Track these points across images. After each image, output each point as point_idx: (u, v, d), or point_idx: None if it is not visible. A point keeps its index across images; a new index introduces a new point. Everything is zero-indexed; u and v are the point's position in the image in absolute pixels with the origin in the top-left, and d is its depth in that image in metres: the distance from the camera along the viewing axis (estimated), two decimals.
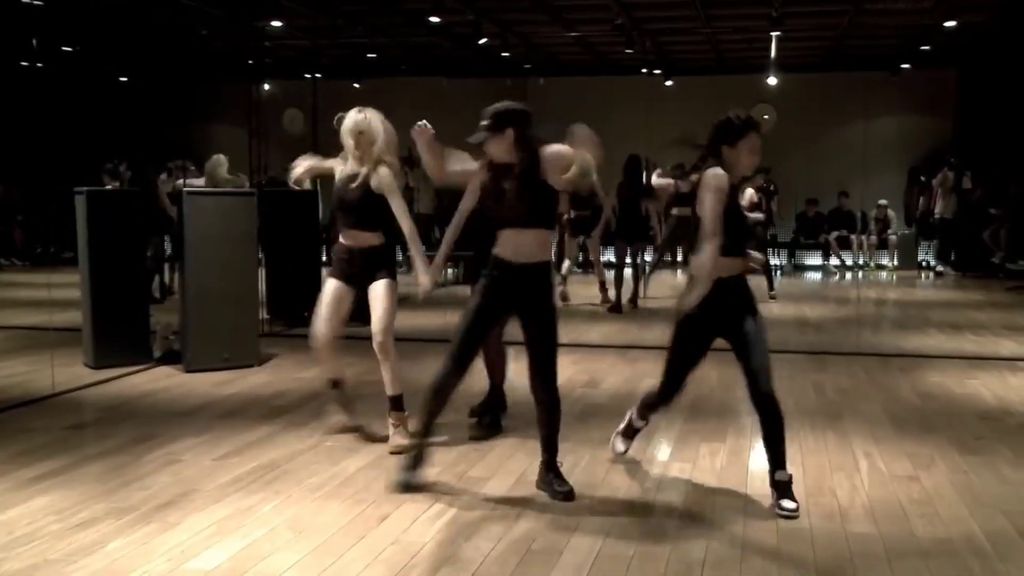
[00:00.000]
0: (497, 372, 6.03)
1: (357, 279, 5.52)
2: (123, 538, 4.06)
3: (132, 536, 4.08)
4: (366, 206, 5.47)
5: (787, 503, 4.40)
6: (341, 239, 5.61)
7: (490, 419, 5.92)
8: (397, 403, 5.52)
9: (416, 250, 5.36)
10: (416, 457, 4.76)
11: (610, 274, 11.69)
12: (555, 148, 4.62)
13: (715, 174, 4.43)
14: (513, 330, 5.75)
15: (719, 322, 4.60)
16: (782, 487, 4.47)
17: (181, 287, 7.81)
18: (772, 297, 12.32)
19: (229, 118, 20.95)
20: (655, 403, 5.03)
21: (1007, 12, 13.60)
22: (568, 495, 4.59)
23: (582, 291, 12.14)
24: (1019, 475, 5.01)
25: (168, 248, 12.08)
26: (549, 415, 4.70)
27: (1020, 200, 15.90)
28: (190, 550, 3.94)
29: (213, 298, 7.53)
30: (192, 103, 20.41)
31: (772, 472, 4.53)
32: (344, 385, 5.91)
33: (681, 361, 4.81)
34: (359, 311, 5.80)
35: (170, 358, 7.82)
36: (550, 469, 4.71)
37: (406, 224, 5.47)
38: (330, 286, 5.60)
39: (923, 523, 4.32)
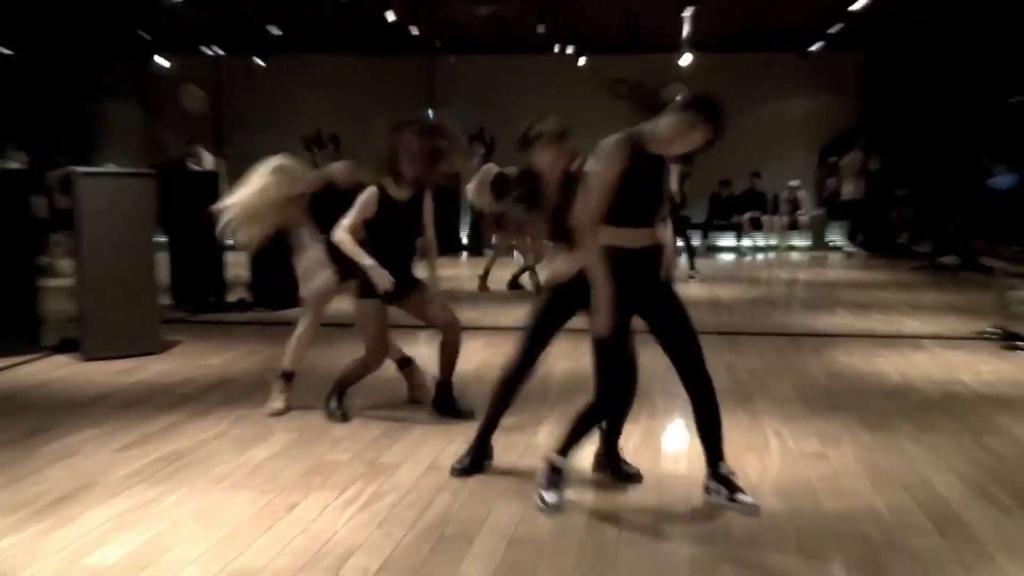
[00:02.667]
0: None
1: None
2: (14, 536, 3.96)
3: (24, 533, 3.99)
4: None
5: (743, 497, 4.29)
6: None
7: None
8: None
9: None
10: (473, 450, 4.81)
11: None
12: None
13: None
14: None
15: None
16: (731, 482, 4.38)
17: (77, 272, 7.60)
18: (691, 277, 12.63)
19: (122, 95, 20.41)
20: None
21: None
22: (638, 476, 4.70)
23: (498, 275, 12.16)
24: (919, 450, 5.20)
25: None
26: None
27: (925, 181, 16.41)
28: (87, 546, 3.86)
29: (111, 283, 7.37)
30: (84, 79, 19.79)
31: (716, 465, 4.41)
32: (414, 363, 6.26)
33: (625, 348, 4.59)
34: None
35: (66, 347, 7.63)
36: (616, 451, 4.75)
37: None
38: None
39: (830, 498, 4.46)
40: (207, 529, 4.04)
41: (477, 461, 4.78)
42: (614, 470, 4.70)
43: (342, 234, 5.49)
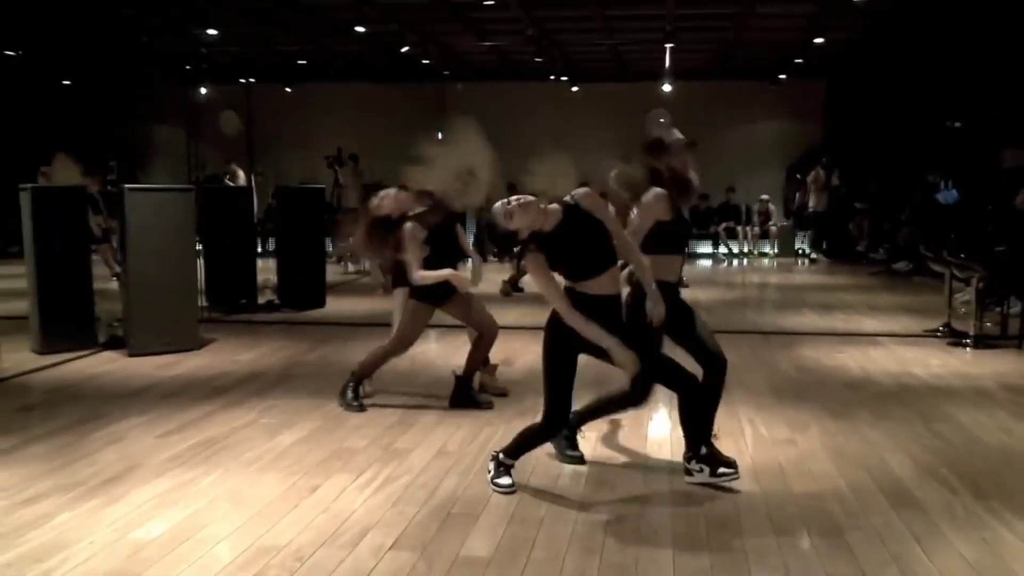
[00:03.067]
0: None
1: None
2: (69, 511, 3.94)
3: (78, 510, 3.96)
4: None
5: (725, 469, 4.31)
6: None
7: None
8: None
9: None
10: None
11: None
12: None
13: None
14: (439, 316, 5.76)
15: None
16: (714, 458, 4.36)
17: (124, 277, 7.59)
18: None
19: (168, 119, 20.45)
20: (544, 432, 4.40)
21: (868, 31, 14.00)
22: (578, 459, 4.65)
23: (495, 277, 12.13)
24: (877, 436, 5.17)
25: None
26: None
27: (880, 195, 16.40)
28: (134, 521, 3.84)
29: (154, 287, 7.35)
30: (133, 105, 19.85)
31: (698, 447, 4.36)
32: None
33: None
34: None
35: (114, 344, 7.60)
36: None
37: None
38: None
39: (798, 480, 4.43)
40: (238, 508, 4.01)
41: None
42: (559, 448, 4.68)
43: (419, 274, 5.42)
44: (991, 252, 9.12)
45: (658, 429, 5.41)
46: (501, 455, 4.34)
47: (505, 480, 4.28)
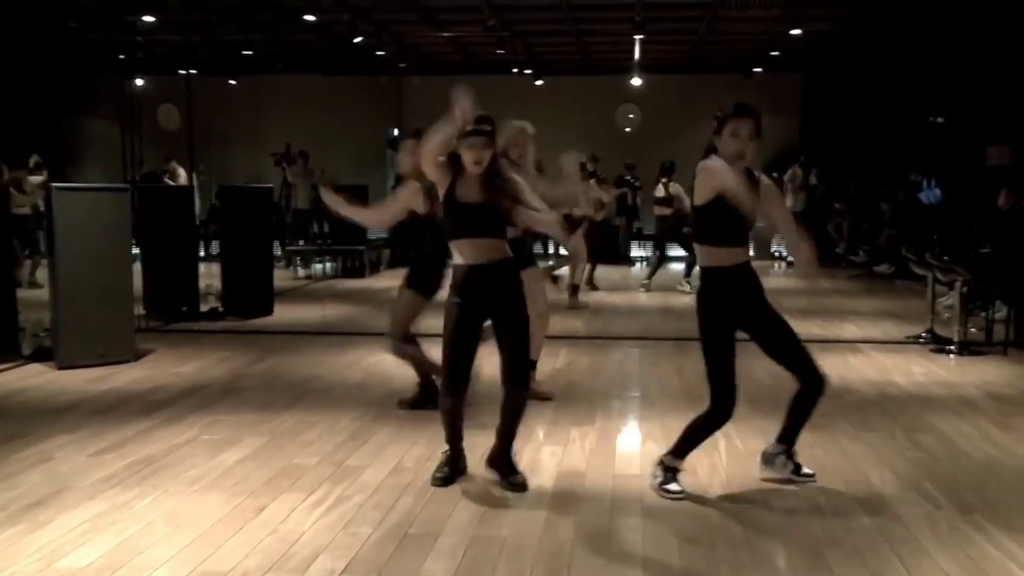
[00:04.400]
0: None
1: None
2: None
3: (0, 537, 3.89)
4: None
5: (807, 469, 4.63)
6: None
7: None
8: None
9: None
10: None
11: None
12: None
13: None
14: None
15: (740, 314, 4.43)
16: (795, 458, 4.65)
17: (51, 282, 7.46)
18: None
19: (101, 112, 20.16)
20: (711, 423, 4.50)
21: (846, 22, 14.18)
22: (522, 486, 4.51)
23: None
24: (858, 448, 5.23)
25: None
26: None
27: (860, 195, 16.61)
28: (61, 548, 3.77)
29: (86, 293, 7.24)
30: (62, 97, 19.52)
31: (791, 447, 4.64)
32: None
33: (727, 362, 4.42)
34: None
35: (41, 355, 7.48)
36: (506, 462, 4.61)
37: None
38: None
39: (775, 495, 4.47)
40: (179, 531, 3.96)
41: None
42: (502, 473, 4.60)
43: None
44: (976, 254, 9.28)
45: (627, 443, 5.43)
46: (666, 458, 4.44)
47: (674, 486, 4.39)
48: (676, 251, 13.68)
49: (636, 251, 18.05)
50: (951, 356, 7.91)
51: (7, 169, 12.04)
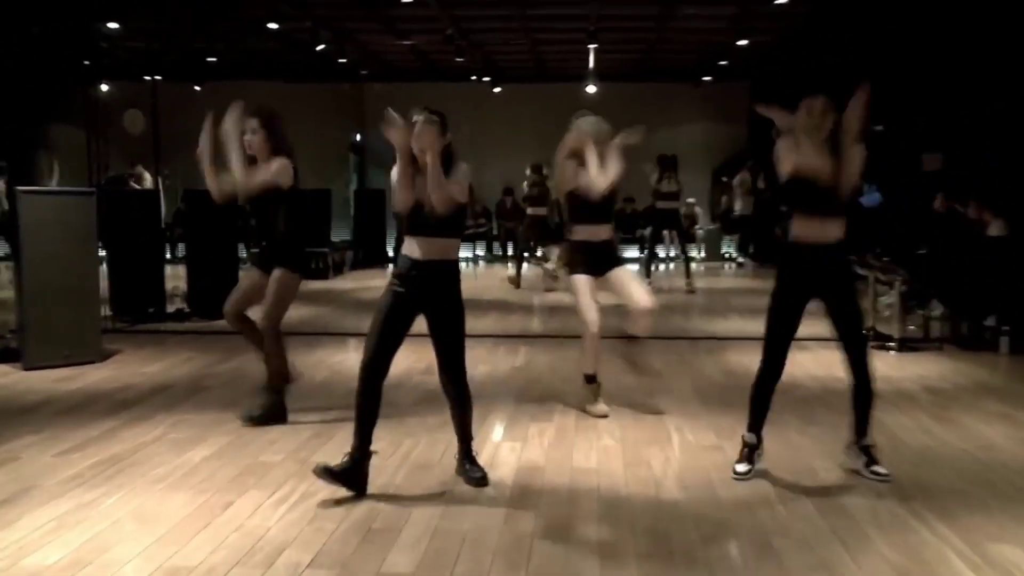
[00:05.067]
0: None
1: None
2: None
3: None
4: None
5: (879, 468, 4.59)
6: None
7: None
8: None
9: None
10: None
11: None
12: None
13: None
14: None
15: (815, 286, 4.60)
16: (870, 452, 4.66)
17: (17, 284, 7.33)
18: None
19: (66, 118, 19.83)
20: (767, 390, 4.74)
21: (790, 33, 14.35)
22: (482, 480, 4.49)
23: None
24: (803, 440, 5.29)
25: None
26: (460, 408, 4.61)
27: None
28: (27, 547, 3.70)
29: (52, 295, 7.12)
30: (27, 103, 19.16)
31: (860, 439, 4.68)
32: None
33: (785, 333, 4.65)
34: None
35: (7, 356, 7.33)
36: (465, 457, 4.61)
37: None
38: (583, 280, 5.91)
39: (724, 487, 4.50)
40: (145, 528, 3.91)
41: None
42: (462, 469, 4.59)
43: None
44: (913, 255, 9.43)
45: (584, 438, 5.45)
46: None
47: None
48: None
49: None
50: (891, 352, 8.03)
51: None
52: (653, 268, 13.67)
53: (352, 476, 4.32)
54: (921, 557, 3.66)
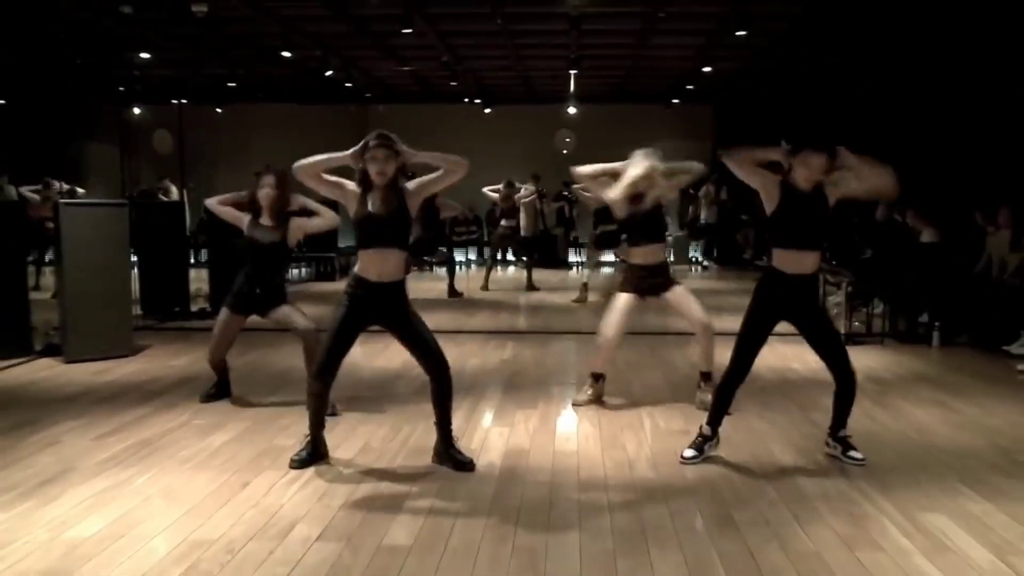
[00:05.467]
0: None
1: None
2: (4, 513, 3.78)
3: (14, 511, 3.81)
4: None
5: (854, 453, 4.58)
6: None
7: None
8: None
9: None
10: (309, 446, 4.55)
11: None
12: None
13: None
14: None
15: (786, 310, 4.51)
16: (847, 441, 4.65)
17: (60, 288, 7.31)
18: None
19: (103, 138, 19.79)
20: (732, 390, 4.65)
21: (751, 61, 14.39)
22: (469, 465, 4.43)
23: (421, 285, 12.08)
24: (763, 425, 5.32)
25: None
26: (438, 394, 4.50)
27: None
28: (69, 521, 3.70)
29: (90, 297, 7.11)
30: (68, 124, 19.13)
31: (836, 430, 4.66)
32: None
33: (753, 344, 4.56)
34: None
35: (50, 351, 7.32)
36: (447, 443, 4.52)
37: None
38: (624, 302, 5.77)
39: (692, 468, 4.51)
40: (172, 505, 3.91)
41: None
42: (449, 461, 4.48)
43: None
44: (858, 259, 9.48)
45: (565, 424, 5.46)
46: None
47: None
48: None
49: (572, 257, 18.13)
50: None
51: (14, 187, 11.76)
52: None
53: (319, 453, 4.53)
54: (863, 527, 3.69)
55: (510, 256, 16.29)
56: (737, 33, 11.70)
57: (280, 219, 5.63)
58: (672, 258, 17.94)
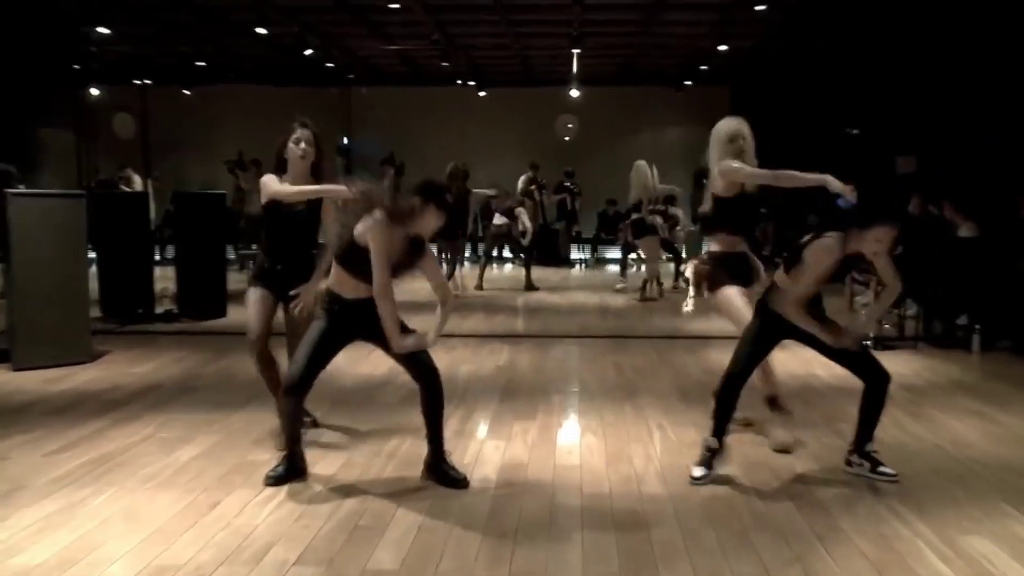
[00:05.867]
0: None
1: None
2: None
3: None
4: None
5: (885, 469, 4.55)
6: None
7: None
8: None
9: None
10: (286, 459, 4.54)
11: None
12: None
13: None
14: None
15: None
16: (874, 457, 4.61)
17: (8, 287, 7.28)
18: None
19: (56, 121, 19.71)
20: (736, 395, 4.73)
21: (769, 38, 14.41)
22: (463, 482, 4.43)
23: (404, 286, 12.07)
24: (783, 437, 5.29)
25: None
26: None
27: (784, 201, 16.85)
28: (16, 546, 3.66)
29: (41, 297, 7.08)
30: (16, 106, 19.03)
31: (863, 444, 4.63)
32: (782, 400, 5.32)
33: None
34: None
35: None
36: (439, 458, 4.51)
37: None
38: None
39: (706, 482, 4.50)
40: (134, 527, 3.88)
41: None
42: (441, 477, 4.47)
43: None
44: (889, 256, 9.47)
45: (567, 436, 5.45)
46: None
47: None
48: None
49: (575, 254, 18.13)
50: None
51: None
52: (631, 268, 13.68)
53: (296, 470, 4.50)
54: (894, 550, 3.68)
55: (507, 252, 16.27)
56: (756, 8, 11.71)
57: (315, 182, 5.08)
58: (684, 253, 18.01)
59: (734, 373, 4.70)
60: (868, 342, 8.14)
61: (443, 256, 11.93)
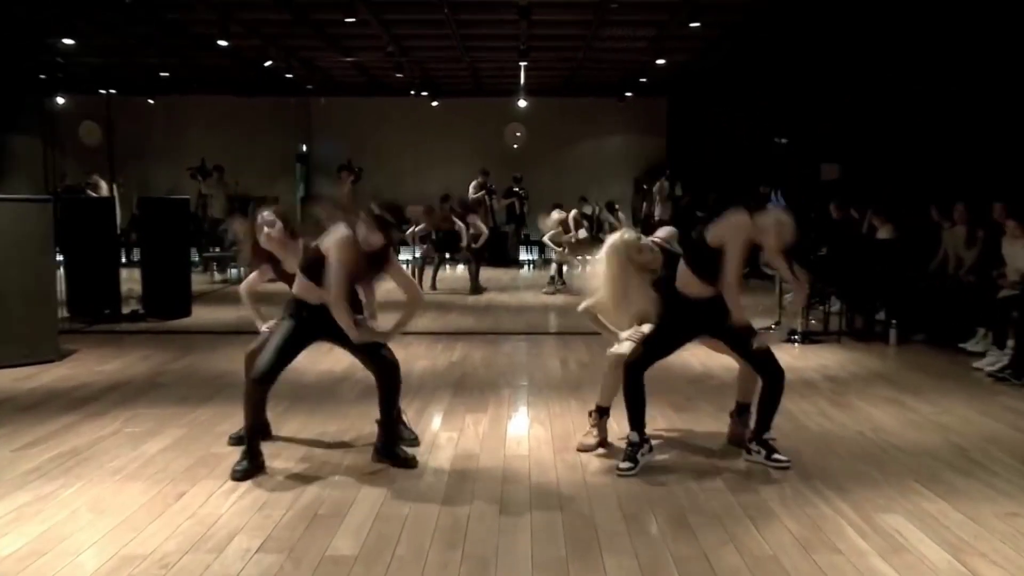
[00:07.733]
0: None
1: None
2: None
3: None
4: None
5: (779, 456, 4.59)
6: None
7: None
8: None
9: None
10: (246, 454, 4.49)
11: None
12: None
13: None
14: None
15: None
16: (770, 444, 4.65)
17: None
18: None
19: (24, 129, 19.29)
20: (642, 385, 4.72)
21: (705, 53, 14.57)
22: (414, 441, 4.80)
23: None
24: (717, 426, 5.36)
25: None
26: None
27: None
28: None
29: (10, 298, 6.94)
30: None
31: (761, 432, 4.65)
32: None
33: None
34: None
35: None
36: (389, 438, 4.65)
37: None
38: None
39: (646, 469, 4.53)
40: (102, 518, 3.82)
41: None
42: (392, 459, 4.57)
43: None
44: (814, 257, 9.65)
45: (516, 427, 5.47)
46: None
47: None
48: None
49: (523, 255, 18.17)
50: (795, 344, 8.21)
51: None
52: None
53: (258, 464, 4.46)
54: (819, 528, 3.76)
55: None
56: (691, 25, 11.84)
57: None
58: None
59: (630, 363, 4.69)
60: (796, 336, 8.32)
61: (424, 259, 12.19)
